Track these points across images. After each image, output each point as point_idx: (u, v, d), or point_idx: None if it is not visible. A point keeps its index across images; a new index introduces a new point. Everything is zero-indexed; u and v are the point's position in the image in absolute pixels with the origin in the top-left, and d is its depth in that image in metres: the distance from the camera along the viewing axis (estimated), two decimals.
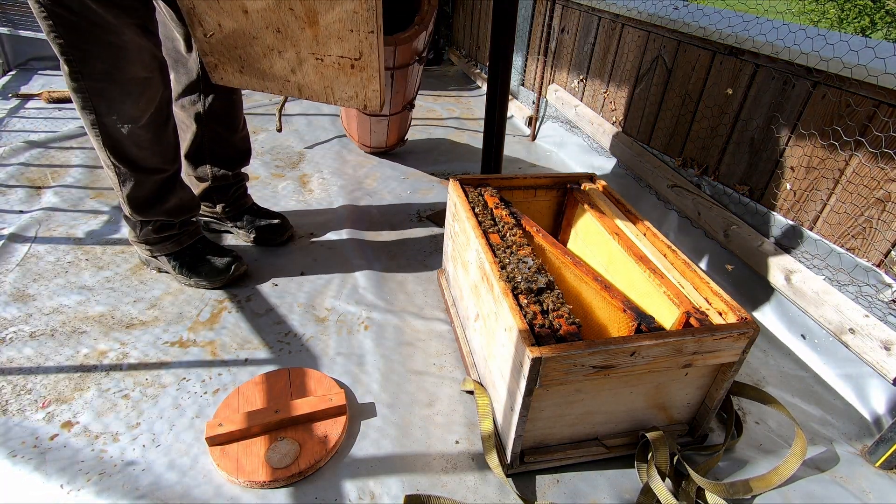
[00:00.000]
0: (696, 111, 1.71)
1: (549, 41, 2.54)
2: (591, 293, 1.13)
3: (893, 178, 1.16)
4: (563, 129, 2.53)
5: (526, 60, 2.82)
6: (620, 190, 2.04)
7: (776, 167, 1.45)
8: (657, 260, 1.12)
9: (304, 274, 1.54)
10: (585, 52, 2.29)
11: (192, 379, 1.17)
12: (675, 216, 1.80)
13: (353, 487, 0.97)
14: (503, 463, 1.00)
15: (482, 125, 2.02)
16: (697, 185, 1.73)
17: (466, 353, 1.24)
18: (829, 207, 1.32)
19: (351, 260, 1.61)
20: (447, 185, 1.35)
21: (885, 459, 1.06)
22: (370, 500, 0.95)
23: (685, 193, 1.73)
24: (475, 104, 3.14)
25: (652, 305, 1.09)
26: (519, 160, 2.44)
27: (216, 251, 1.47)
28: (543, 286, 0.99)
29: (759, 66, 1.47)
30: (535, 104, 2.70)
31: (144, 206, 1.33)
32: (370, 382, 1.20)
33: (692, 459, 1.06)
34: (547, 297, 0.97)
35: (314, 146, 2.39)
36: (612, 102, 2.16)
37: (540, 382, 0.85)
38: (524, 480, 1.01)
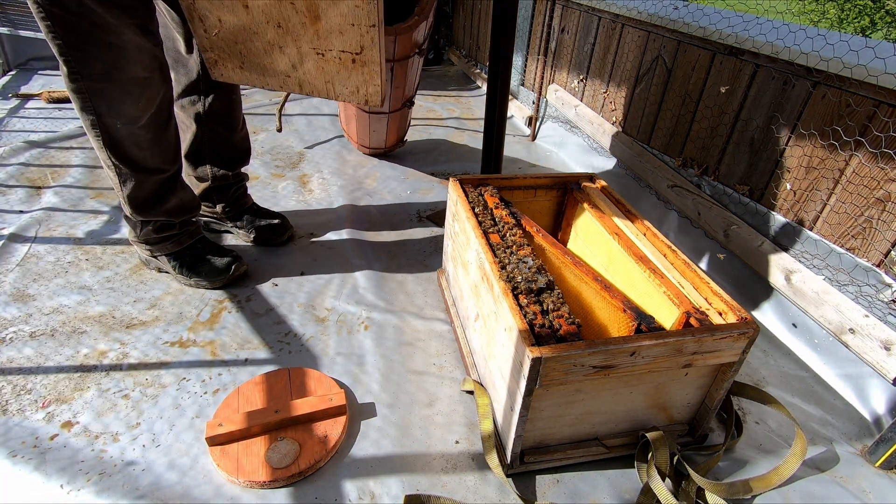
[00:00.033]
0: (696, 111, 1.71)
1: (549, 41, 2.54)
2: (591, 293, 1.13)
3: (893, 178, 1.16)
4: (563, 129, 2.53)
5: (526, 60, 2.82)
6: (620, 190, 2.04)
7: (776, 167, 1.45)
8: (657, 260, 1.12)
9: (304, 274, 1.54)
10: (585, 52, 2.29)
11: (192, 379, 1.17)
12: (675, 216, 1.80)
13: (353, 487, 0.97)
14: (503, 463, 1.00)
15: (482, 125, 2.02)
16: (697, 185, 1.73)
17: (466, 353, 1.24)
18: (829, 207, 1.32)
19: (351, 260, 1.61)
20: (447, 185, 1.35)
21: (885, 459, 1.06)
22: (370, 500, 0.95)
23: (685, 193, 1.73)
24: (475, 104, 3.13)
25: (652, 305, 1.09)
26: (519, 160, 2.44)
27: (216, 251, 1.47)
28: (543, 286, 0.99)
29: (759, 66, 1.47)
30: (535, 104, 2.70)
31: (145, 206, 1.33)
32: (370, 382, 1.20)
33: (692, 459, 1.06)
34: (547, 297, 0.97)
35: (314, 146, 2.39)
36: (612, 102, 2.16)
37: (540, 382, 0.85)
38: (524, 480, 1.01)
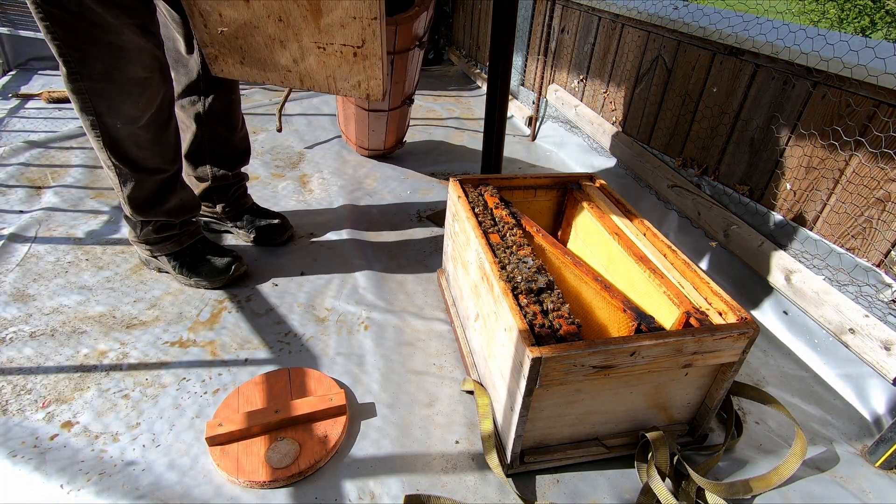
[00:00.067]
0: (696, 111, 1.71)
1: (549, 41, 2.54)
2: (591, 293, 1.13)
3: (893, 178, 1.16)
4: (563, 129, 2.53)
5: (526, 60, 2.82)
6: (620, 190, 2.04)
7: (776, 167, 1.45)
8: (657, 260, 1.12)
9: (304, 274, 1.54)
10: (585, 52, 2.29)
11: (192, 379, 1.17)
12: (675, 216, 1.80)
13: (353, 487, 0.97)
14: (503, 463, 1.00)
15: (482, 125, 2.02)
16: (697, 185, 1.73)
17: (466, 353, 1.24)
18: (829, 207, 1.32)
19: (351, 260, 1.61)
20: (447, 185, 1.35)
21: (885, 459, 1.06)
22: (370, 500, 0.95)
23: (685, 193, 1.73)
24: (475, 104, 3.13)
25: (652, 305, 1.09)
26: (519, 160, 2.44)
27: (216, 251, 1.47)
28: (543, 286, 0.99)
29: (759, 66, 1.47)
30: (535, 104, 2.70)
31: (145, 206, 1.33)
32: (370, 382, 1.20)
33: (692, 459, 1.06)
34: (547, 297, 0.97)
35: (314, 146, 2.39)
36: (612, 102, 2.16)
37: (540, 382, 0.85)
38: (524, 480, 1.01)
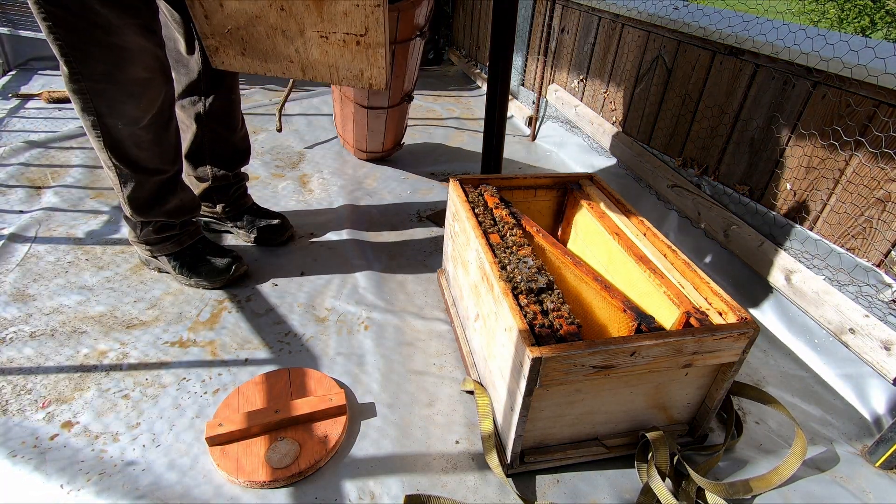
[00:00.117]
0: (696, 111, 1.71)
1: (549, 41, 2.54)
2: (591, 293, 1.13)
3: (893, 178, 1.16)
4: (563, 129, 2.53)
5: (526, 60, 2.82)
6: (620, 190, 2.04)
7: (776, 167, 1.45)
8: (657, 260, 1.12)
9: (304, 274, 1.54)
10: (585, 52, 2.29)
11: (192, 379, 1.17)
12: (675, 216, 1.80)
13: (353, 487, 0.97)
14: (503, 463, 1.00)
15: (482, 125, 2.02)
16: (697, 185, 1.73)
17: (466, 353, 1.24)
18: (829, 207, 1.32)
19: (351, 260, 1.61)
20: (447, 185, 1.35)
21: (885, 459, 1.06)
22: (370, 500, 0.95)
23: (685, 193, 1.73)
24: (475, 104, 3.13)
25: (652, 305, 1.09)
26: (519, 160, 2.44)
27: (216, 251, 1.47)
28: (543, 286, 0.99)
29: (759, 66, 1.47)
30: (535, 104, 2.70)
31: (145, 206, 1.33)
32: (370, 382, 1.20)
33: (692, 459, 1.06)
34: (547, 297, 0.97)
35: (314, 146, 2.39)
36: (612, 102, 2.16)
37: (540, 382, 0.85)
38: (524, 480, 1.01)
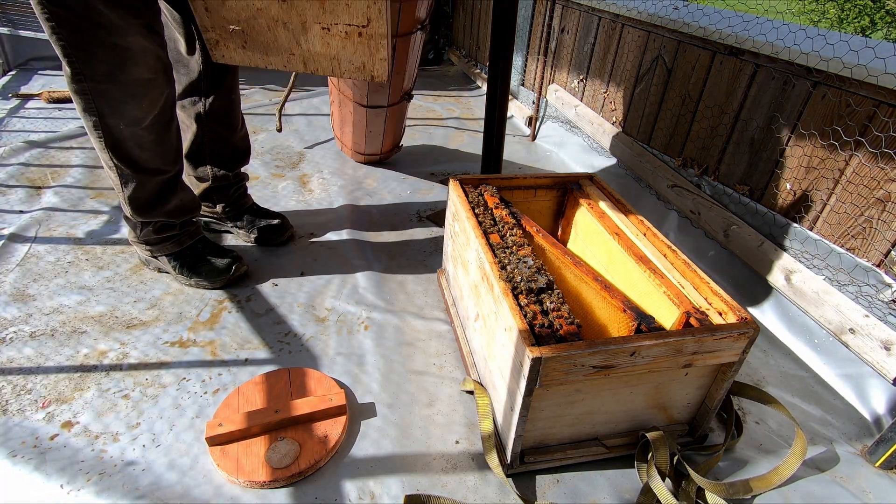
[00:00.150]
0: (696, 111, 1.71)
1: (549, 41, 2.54)
2: (591, 293, 1.13)
3: (893, 178, 1.16)
4: (563, 129, 2.53)
5: (526, 60, 2.82)
6: (620, 190, 2.04)
7: (776, 167, 1.45)
8: (657, 260, 1.12)
9: (304, 274, 1.54)
10: (585, 52, 2.29)
11: (192, 379, 1.17)
12: (675, 216, 1.80)
13: (353, 487, 0.97)
14: (503, 463, 1.00)
15: (482, 125, 2.02)
16: (697, 185, 1.73)
17: (466, 353, 1.24)
18: (829, 207, 1.32)
19: (351, 260, 1.61)
20: (447, 185, 1.35)
21: (885, 459, 1.06)
22: (370, 500, 0.95)
23: (685, 193, 1.73)
24: (475, 104, 3.13)
25: (652, 305, 1.09)
26: (519, 160, 2.44)
27: (216, 251, 1.47)
28: (543, 286, 0.99)
29: (759, 66, 1.47)
30: (535, 104, 2.70)
31: (145, 207, 1.33)
32: (370, 382, 1.20)
33: (692, 459, 1.06)
34: (547, 297, 0.97)
35: (314, 146, 2.39)
36: (612, 102, 2.16)
37: (540, 382, 0.85)
38: (524, 480, 1.01)
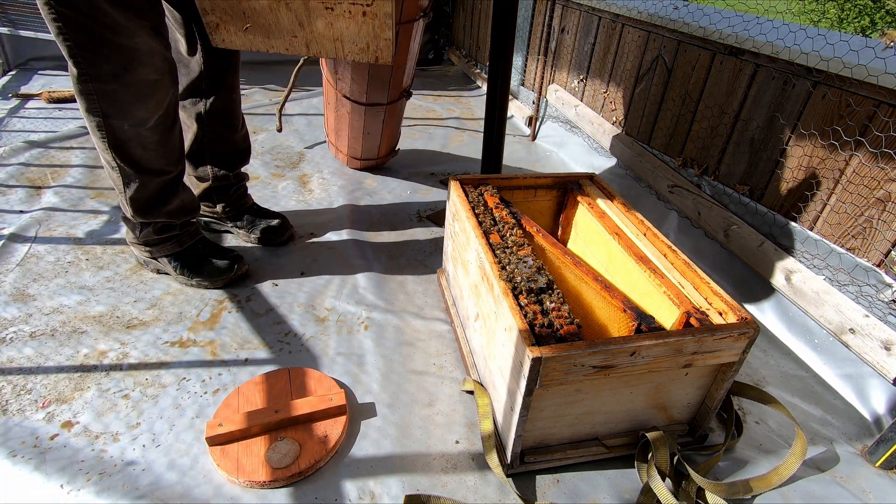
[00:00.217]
0: (696, 111, 1.71)
1: (549, 41, 2.54)
2: (591, 293, 1.13)
3: (893, 178, 1.16)
4: (563, 129, 2.53)
5: (526, 60, 2.82)
6: (620, 190, 2.04)
7: (776, 167, 1.45)
8: (657, 260, 1.12)
9: (304, 274, 1.54)
10: (585, 52, 2.29)
11: (192, 379, 1.17)
12: (675, 216, 1.80)
13: (353, 487, 0.97)
14: (503, 463, 1.00)
15: (482, 125, 2.02)
16: (697, 185, 1.73)
17: (466, 353, 1.24)
18: (829, 207, 1.32)
19: (351, 260, 1.61)
20: (447, 185, 1.35)
21: (885, 459, 1.06)
22: (370, 500, 0.95)
23: (685, 193, 1.73)
24: (475, 104, 3.13)
25: (652, 305, 1.09)
26: (519, 160, 2.44)
27: (217, 251, 1.47)
28: (543, 286, 0.99)
29: (759, 66, 1.47)
30: (535, 104, 2.70)
31: (147, 207, 1.33)
32: (370, 382, 1.20)
33: (692, 459, 1.06)
34: (547, 297, 0.97)
35: (314, 146, 2.39)
36: (612, 102, 2.16)
37: (540, 382, 0.85)
38: (524, 480, 1.01)
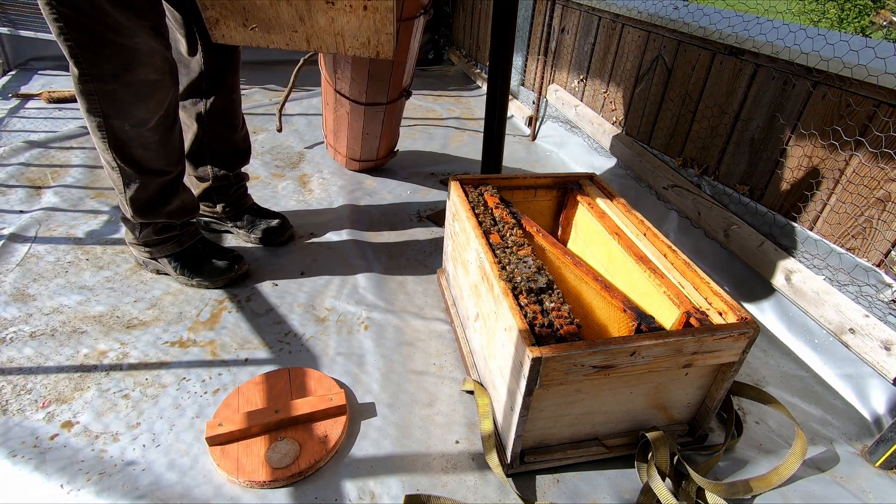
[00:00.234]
0: (696, 111, 1.71)
1: (549, 41, 2.54)
2: (591, 293, 1.13)
3: (893, 178, 1.16)
4: (563, 129, 2.53)
5: (526, 60, 2.82)
6: (620, 190, 2.04)
7: (776, 167, 1.45)
8: (657, 260, 1.12)
9: (304, 274, 1.54)
10: (585, 51, 2.29)
11: (192, 379, 1.17)
12: (675, 216, 1.80)
13: (353, 487, 0.97)
14: (503, 463, 1.00)
15: (482, 125, 2.02)
16: (697, 185, 1.73)
17: (466, 353, 1.24)
18: (829, 207, 1.32)
19: (351, 260, 1.61)
20: (447, 185, 1.35)
21: (885, 459, 1.06)
22: (370, 500, 0.95)
23: (685, 193, 1.73)
24: (475, 104, 3.13)
25: (652, 305, 1.09)
26: (519, 160, 2.44)
27: (217, 251, 1.47)
28: (543, 286, 0.99)
29: (759, 66, 1.47)
30: (535, 104, 2.70)
31: (147, 207, 1.32)
32: (370, 382, 1.20)
33: (692, 459, 1.06)
34: (547, 296, 0.97)
35: (314, 146, 2.39)
36: (612, 102, 2.16)
37: (540, 382, 0.85)
38: (524, 480, 1.01)
